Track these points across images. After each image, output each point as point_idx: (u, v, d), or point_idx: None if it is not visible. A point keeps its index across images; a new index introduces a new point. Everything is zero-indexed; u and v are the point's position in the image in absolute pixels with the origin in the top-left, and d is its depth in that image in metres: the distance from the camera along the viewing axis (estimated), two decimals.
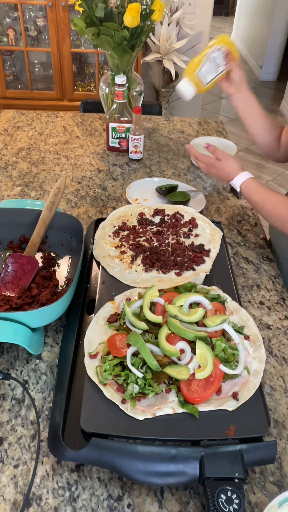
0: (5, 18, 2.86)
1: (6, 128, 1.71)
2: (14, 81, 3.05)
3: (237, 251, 1.14)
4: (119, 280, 0.95)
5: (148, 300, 0.84)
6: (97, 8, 1.36)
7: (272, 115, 1.15)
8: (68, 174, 1.44)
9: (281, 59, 5.17)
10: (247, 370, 0.76)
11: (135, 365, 0.74)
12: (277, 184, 3.34)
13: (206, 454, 0.63)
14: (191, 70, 1.10)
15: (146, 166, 1.50)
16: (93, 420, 0.68)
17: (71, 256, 1.03)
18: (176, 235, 1.08)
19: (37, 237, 1.01)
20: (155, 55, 2.92)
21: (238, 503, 0.59)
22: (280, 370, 0.84)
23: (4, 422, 0.73)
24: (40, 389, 0.79)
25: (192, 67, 1.10)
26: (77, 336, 0.84)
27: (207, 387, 0.72)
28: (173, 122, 1.83)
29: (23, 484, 0.66)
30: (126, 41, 1.41)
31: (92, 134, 1.69)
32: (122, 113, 1.50)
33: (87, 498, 0.65)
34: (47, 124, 1.75)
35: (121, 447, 0.64)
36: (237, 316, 0.87)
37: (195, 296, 0.85)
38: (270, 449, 0.64)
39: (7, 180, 1.39)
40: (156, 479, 0.63)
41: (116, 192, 1.36)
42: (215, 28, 7.02)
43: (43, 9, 2.77)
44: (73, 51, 2.80)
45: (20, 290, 0.91)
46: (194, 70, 1.10)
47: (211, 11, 3.02)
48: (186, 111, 3.42)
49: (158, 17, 1.44)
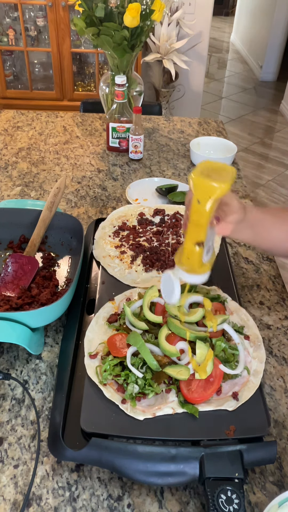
0: (5, 18, 2.86)
1: (6, 128, 1.71)
2: (14, 81, 3.05)
3: (237, 251, 1.14)
4: (119, 280, 0.95)
5: (148, 300, 0.84)
6: (97, 8, 1.36)
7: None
8: (68, 174, 1.44)
9: (281, 59, 5.17)
10: (247, 370, 0.76)
11: (135, 365, 0.74)
12: (277, 184, 3.34)
13: (206, 454, 0.63)
14: (195, 263, 0.75)
15: (146, 166, 1.50)
16: (93, 420, 0.68)
17: (71, 256, 1.03)
18: (176, 235, 1.08)
19: (37, 237, 1.01)
20: (155, 55, 2.92)
21: (238, 503, 0.59)
22: (280, 370, 0.84)
23: (4, 422, 0.73)
24: (40, 389, 0.79)
25: (191, 263, 0.75)
26: (77, 336, 0.84)
27: (207, 387, 0.72)
28: (173, 122, 1.83)
29: (23, 484, 0.66)
30: (126, 41, 1.41)
31: (92, 134, 1.69)
32: (122, 113, 1.50)
33: (87, 498, 0.65)
34: (47, 124, 1.75)
35: (121, 447, 0.64)
36: (237, 316, 0.87)
37: (195, 296, 0.85)
38: (270, 449, 0.64)
39: (7, 180, 1.39)
40: (156, 479, 0.63)
41: (116, 192, 1.36)
42: (215, 28, 7.03)
43: (43, 9, 2.77)
44: (73, 51, 2.80)
45: (20, 290, 0.91)
46: (198, 261, 0.75)
47: (211, 11, 3.02)
48: (186, 111, 3.42)
49: (158, 17, 1.44)
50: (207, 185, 0.68)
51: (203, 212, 0.70)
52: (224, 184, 0.68)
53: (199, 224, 0.71)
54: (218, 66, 5.80)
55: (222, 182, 0.68)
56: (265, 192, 3.24)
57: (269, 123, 4.31)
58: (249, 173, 3.45)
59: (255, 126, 4.24)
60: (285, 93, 4.46)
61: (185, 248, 0.75)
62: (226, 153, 1.50)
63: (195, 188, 0.69)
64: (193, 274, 0.76)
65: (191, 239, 0.73)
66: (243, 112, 4.52)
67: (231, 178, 0.70)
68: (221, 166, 0.73)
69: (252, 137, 4.02)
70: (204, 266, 0.76)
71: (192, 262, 0.75)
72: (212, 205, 0.69)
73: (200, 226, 0.71)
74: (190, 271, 0.76)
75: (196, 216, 0.71)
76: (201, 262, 0.75)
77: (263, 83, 5.26)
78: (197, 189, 0.69)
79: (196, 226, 0.72)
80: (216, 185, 0.68)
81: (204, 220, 0.71)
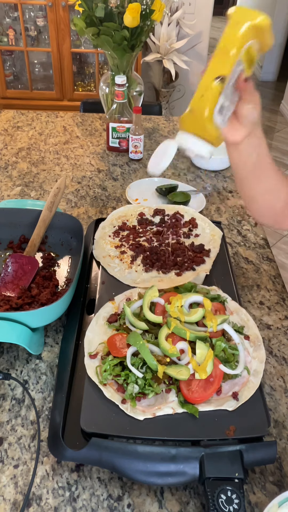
0: (5, 18, 2.86)
1: (6, 128, 1.71)
2: (14, 81, 3.05)
3: (237, 251, 1.14)
4: (119, 280, 0.95)
5: (148, 300, 0.84)
6: (97, 8, 1.36)
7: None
8: (68, 174, 1.44)
9: (281, 59, 5.17)
10: (247, 370, 0.76)
11: (135, 365, 0.74)
12: None
13: (206, 454, 0.63)
14: (200, 113, 0.62)
15: (146, 166, 1.50)
16: (93, 420, 0.68)
17: (71, 256, 1.03)
18: (176, 235, 1.08)
19: (37, 237, 1.01)
20: (155, 55, 2.92)
21: (238, 503, 0.59)
22: (280, 370, 0.84)
23: (4, 422, 0.73)
24: (40, 389, 0.79)
25: (203, 106, 0.62)
26: (77, 336, 0.84)
27: (207, 387, 0.72)
28: (173, 122, 1.83)
29: (23, 484, 0.66)
30: (126, 41, 1.41)
31: (92, 134, 1.69)
32: (122, 113, 1.50)
33: (87, 498, 0.65)
34: (47, 124, 1.75)
35: (121, 447, 0.64)
36: (237, 316, 0.87)
37: (195, 296, 0.85)
38: (270, 449, 0.64)
39: (7, 180, 1.39)
40: (156, 479, 0.63)
41: (116, 192, 1.36)
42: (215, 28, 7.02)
43: (43, 9, 2.77)
44: (73, 51, 2.80)
45: (20, 290, 0.91)
46: (209, 111, 0.62)
47: (211, 11, 3.02)
48: None
49: (158, 17, 1.44)
50: (249, 11, 0.58)
51: (235, 35, 0.58)
52: (267, 18, 0.58)
53: (226, 52, 0.59)
54: None
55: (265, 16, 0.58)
56: None
57: (269, 123, 4.31)
58: None
59: None
60: (285, 93, 4.46)
61: (202, 82, 0.61)
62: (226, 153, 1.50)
63: (235, 12, 0.59)
64: (197, 138, 0.64)
65: (213, 71, 0.60)
66: None
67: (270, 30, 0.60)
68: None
69: None
70: (213, 127, 0.63)
71: (204, 103, 0.61)
72: (248, 31, 0.58)
73: (227, 54, 0.59)
74: (196, 129, 0.63)
75: (226, 41, 0.59)
76: (212, 113, 0.61)
77: (263, 83, 5.26)
78: (236, 13, 0.59)
79: (222, 54, 0.59)
80: (258, 13, 0.58)
81: (234, 46, 0.58)
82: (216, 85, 0.60)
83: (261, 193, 0.80)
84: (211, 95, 0.61)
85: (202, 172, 1.48)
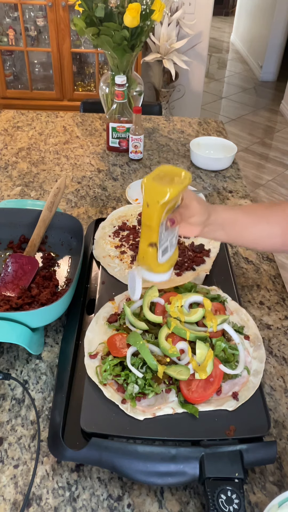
0: (5, 18, 2.86)
1: (6, 128, 1.71)
2: (14, 81, 3.05)
3: (237, 251, 1.14)
4: (119, 280, 0.95)
5: (148, 300, 0.84)
6: (97, 8, 1.36)
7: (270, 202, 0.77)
8: (68, 174, 1.44)
9: (281, 59, 5.17)
10: (247, 370, 0.76)
11: (135, 365, 0.74)
12: (277, 184, 3.34)
13: (206, 454, 0.63)
14: (151, 262, 0.77)
15: (146, 166, 1.50)
16: (93, 420, 0.68)
17: (71, 256, 1.03)
18: None
19: (37, 237, 1.01)
20: (155, 55, 2.92)
21: (238, 503, 0.59)
22: (280, 370, 0.84)
23: (4, 422, 0.73)
24: (40, 389, 0.79)
25: (147, 262, 0.77)
26: (77, 336, 0.84)
27: (207, 387, 0.72)
28: (173, 122, 1.83)
29: (23, 484, 0.66)
30: (126, 41, 1.41)
31: (92, 134, 1.69)
32: (122, 113, 1.50)
33: (87, 498, 0.65)
34: (47, 124, 1.75)
35: (121, 447, 0.64)
36: (237, 316, 0.87)
37: (195, 296, 0.85)
38: (270, 449, 0.64)
39: (7, 180, 1.39)
40: (156, 479, 0.63)
41: (116, 192, 1.36)
42: (215, 28, 7.03)
43: (43, 9, 2.77)
44: (73, 51, 2.80)
45: (20, 290, 0.91)
46: (153, 261, 0.76)
47: (211, 11, 3.02)
48: (186, 111, 3.42)
49: (158, 17, 1.44)
50: (155, 189, 0.69)
51: (151, 215, 0.70)
52: (173, 189, 0.68)
53: (149, 227, 0.72)
54: (218, 66, 5.80)
55: (172, 186, 0.69)
56: (265, 192, 3.24)
57: (269, 123, 4.31)
58: (249, 173, 3.45)
59: (255, 126, 4.24)
60: (285, 93, 4.46)
61: (140, 248, 0.77)
62: (226, 153, 1.50)
63: (145, 192, 0.70)
64: (152, 273, 0.78)
65: (145, 240, 0.75)
66: (243, 112, 4.52)
67: (184, 183, 0.71)
68: (177, 171, 0.73)
69: (252, 137, 4.02)
70: (161, 266, 0.77)
71: (147, 261, 0.76)
72: (160, 209, 0.69)
73: (150, 228, 0.72)
74: (149, 270, 0.78)
75: (146, 219, 0.72)
76: (157, 262, 0.76)
77: (263, 83, 5.26)
78: (146, 192, 0.70)
79: (147, 228, 0.73)
80: (164, 189, 0.68)
81: (153, 223, 0.71)
82: (151, 251, 0.75)
83: (255, 242, 0.86)
84: (150, 255, 0.75)
85: (202, 172, 1.48)
